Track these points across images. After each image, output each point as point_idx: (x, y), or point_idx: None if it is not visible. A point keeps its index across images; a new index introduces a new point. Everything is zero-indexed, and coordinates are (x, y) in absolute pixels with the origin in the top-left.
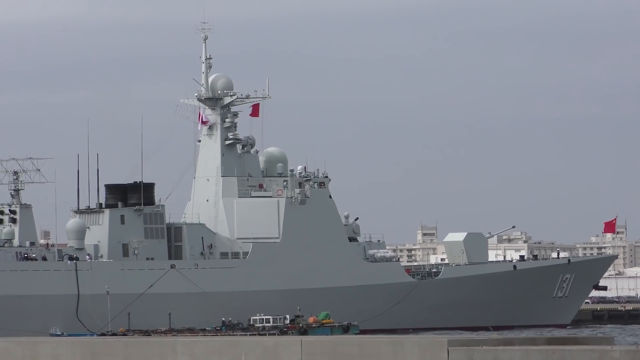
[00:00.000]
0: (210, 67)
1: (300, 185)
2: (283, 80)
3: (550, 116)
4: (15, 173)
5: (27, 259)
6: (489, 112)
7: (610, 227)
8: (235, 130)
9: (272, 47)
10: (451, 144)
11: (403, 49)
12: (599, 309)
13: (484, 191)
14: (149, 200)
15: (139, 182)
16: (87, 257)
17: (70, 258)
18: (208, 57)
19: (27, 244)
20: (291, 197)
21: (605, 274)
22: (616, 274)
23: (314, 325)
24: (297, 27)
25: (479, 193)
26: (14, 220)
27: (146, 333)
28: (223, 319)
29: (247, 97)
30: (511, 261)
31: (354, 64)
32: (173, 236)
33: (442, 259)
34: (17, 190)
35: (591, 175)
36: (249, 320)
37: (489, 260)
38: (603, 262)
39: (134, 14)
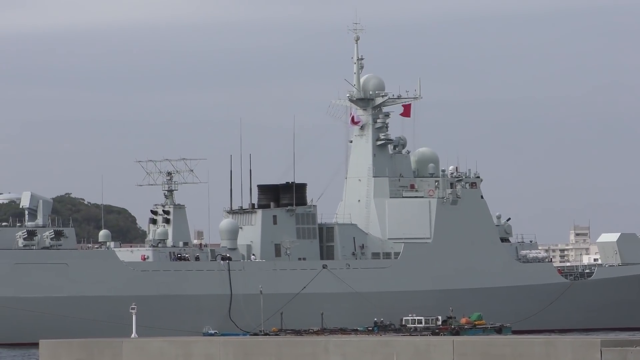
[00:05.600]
0: (362, 67)
1: (451, 185)
2: (434, 80)
3: None
4: (169, 174)
5: (180, 259)
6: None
7: None
8: (387, 130)
9: (423, 47)
10: (605, 141)
11: (555, 46)
12: None
13: (638, 190)
14: (301, 200)
15: (291, 182)
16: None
17: (223, 258)
18: (360, 57)
19: (181, 244)
20: (443, 198)
21: None
22: None
23: (466, 326)
24: (447, 27)
25: (633, 192)
26: (167, 221)
27: (298, 333)
28: (375, 319)
29: (399, 97)
30: None
31: (505, 62)
32: (325, 236)
33: (595, 260)
34: (170, 191)
35: None
36: (401, 320)
37: None
38: None
39: (285, 14)
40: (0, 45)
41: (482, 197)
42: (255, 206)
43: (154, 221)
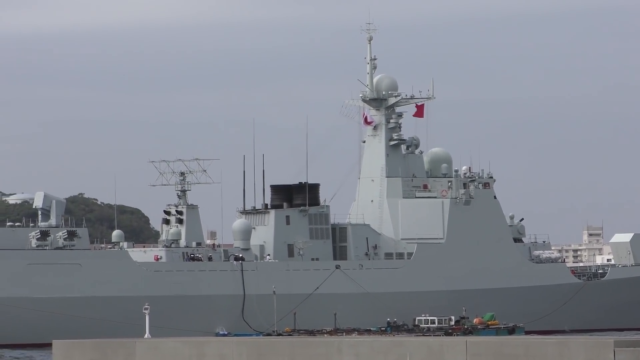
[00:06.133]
0: (375, 67)
1: (464, 185)
2: (447, 80)
3: None
4: (182, 174)
5: (193, 259)
6: None
7: None
8: (400, 130)
9: (436, 47)
10: (618, 140)
11: (567, 45)
12: None
13: None
14: (314, 200)
15: (304, 182)
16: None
17: (236, 258)
18: (373, 57)
19: (194, 244)
20: (456, 198)
21: None
22: None
23: (479, 326)
24: (460, 28)
25: None
26: (180, 221)
27: (311, 333)
28: (388, 319)
29: (412, 97)
30: None
31: (518, 62)
32: (338, 237)
33: (608, 260)
34: (183, 191)
35: None
36: (414, 320)
37: None
38: None
39: (298, 15)
40: (15, 45)
41: (495, 197)
42: (268, 206)
43: (167, 221)
